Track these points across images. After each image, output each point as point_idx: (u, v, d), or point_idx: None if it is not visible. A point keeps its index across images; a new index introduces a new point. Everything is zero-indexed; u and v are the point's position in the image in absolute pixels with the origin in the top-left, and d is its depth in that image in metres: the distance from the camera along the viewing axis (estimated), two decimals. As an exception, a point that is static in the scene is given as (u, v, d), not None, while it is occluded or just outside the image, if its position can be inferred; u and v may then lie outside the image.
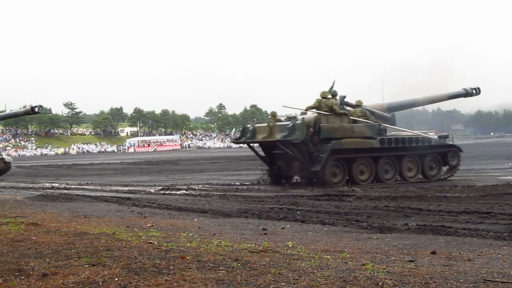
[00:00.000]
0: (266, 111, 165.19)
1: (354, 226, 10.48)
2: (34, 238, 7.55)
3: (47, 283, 4.98)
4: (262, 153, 23.10)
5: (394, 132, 23.56)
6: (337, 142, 20.57)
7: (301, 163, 20.85)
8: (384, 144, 21.22)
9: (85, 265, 5.63)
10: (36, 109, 32.98)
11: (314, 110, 21.39)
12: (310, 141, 20.67)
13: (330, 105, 21.22)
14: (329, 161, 20.31)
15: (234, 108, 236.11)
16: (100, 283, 4.89)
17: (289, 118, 21.81)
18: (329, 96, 21.78)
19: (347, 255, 6.60)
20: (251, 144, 23.27)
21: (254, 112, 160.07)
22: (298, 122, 20.63)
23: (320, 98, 21.47)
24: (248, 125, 23.49)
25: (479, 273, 5.41)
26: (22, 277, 5.26)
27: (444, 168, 23.48)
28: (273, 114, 22.79)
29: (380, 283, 4.75)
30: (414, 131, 24.44)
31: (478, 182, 19.26)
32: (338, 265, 5.72)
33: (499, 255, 6.92)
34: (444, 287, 4.64)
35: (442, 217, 11.15)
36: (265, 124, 22.19)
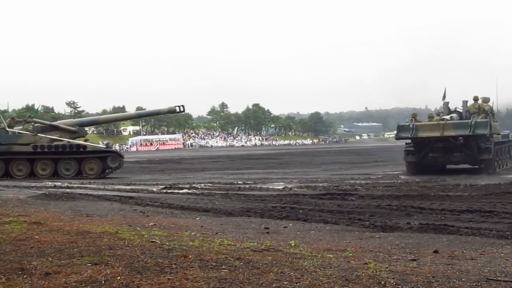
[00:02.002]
0: (268, 110, 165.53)
1: (357, 225, 10.48)
2: (37, 237, 7.55)
3: (50, 282, 4.98)
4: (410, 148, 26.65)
5: None
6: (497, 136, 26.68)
7: (466, 154, 25.12)
8: None
9: (88, 264, 5.63)
10: (179, 109, 35.37)
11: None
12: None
13: (488, 109, 26.63)
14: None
15: (237, 107, 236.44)
16: (103, 282, 4.89)
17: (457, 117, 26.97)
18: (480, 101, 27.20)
19: (350, 254, 6.60)
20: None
21: (256, 111, 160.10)
22: (481, 120, 25.03)
23: (479, 103, 26.93)
24: (407, 123, 26.51)
25: (481, 272, 5.41)
26: (25, 276, 5.27)
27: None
28: (414, 115, 27.42)
29: (383, 282, 4.74)
30: None
31: (481, 181, 19.24)
32: (341, 264, 5.72)
33: (502, 254, 6.92)
34: (447, 286, 4.64)
35: (445, 216, 11.16)
36: (431, 123, 26.15)
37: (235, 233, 9.15)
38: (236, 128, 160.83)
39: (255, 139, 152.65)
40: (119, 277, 5.02)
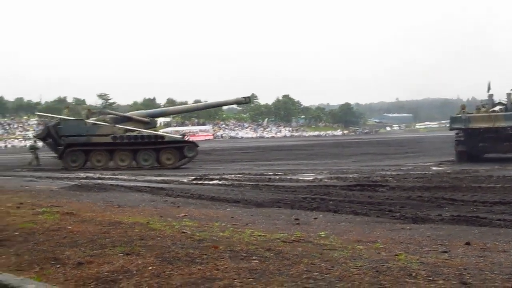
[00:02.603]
0: (298, 101, 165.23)
1: (387, 216, 10.43)
2: (69, 227, 7.63)
3: (82, 271, 5.04)
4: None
5: None
6: None
7: None
8: None
9: (120, 254, 5.68)
10: (245, 100, 37.22)
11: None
12: None
13: None
14: None
15: (267, 98, 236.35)
16: (134, 271, 4.93)
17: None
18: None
19: (380, 246, 6.57)
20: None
21: (286, 102, 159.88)
22: None
23: None
24: (459, 115, 28.16)
25: (514, 265, 5.36)
26: (58, 266, 5.33)
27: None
28: (464, 107, 28.83)
29: (414, 274, 4.72)
30: None
31: (514, 172, 19.00)
32: (371, 255, 5.70)
33: (535, 246, 6.84)
34: (479, 279, 4.60)
35: (477, 208, 11.05)
36: (483, 114, 27.75)
37: (265, 224, 9.17)
38: (266, 119, 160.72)
39: (285, 130, 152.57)
40: (150, 267, 5.06)
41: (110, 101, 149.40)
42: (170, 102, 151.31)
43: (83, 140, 29.69)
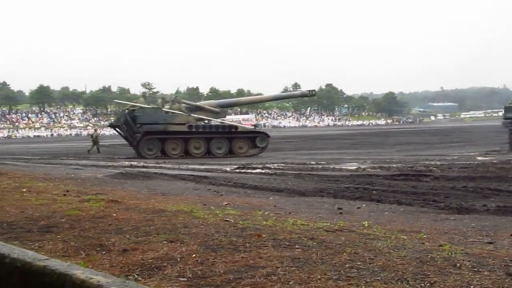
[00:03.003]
0: (341, 90, 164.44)
1: (431, 206, 10.34)
2: (114, 214, 7.73)
3: (127, 258, 5.11)
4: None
5: None
6: None
7: None
8: None
9: (164, 242, 5.74)
10: (310, 93, 38.88)
11: None
12: None
13: None
14: None
15: (309, 87, 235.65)
16: (178, 259, 4.98)
17: None
18: None
19: (424, 236, 6.52)
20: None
21: (329, 91, 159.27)
22: None
23: None
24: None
25: (561, 256, 5.26)
26: (104, 252, 5.41)
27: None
28: None
29: (458, 265, 4.67)
30: None
31: (562, 163, 18.64)
32: (415, 245, 5.66)
33: None
34: (525, 270, 4.53)
35: (523, 198, 10.88)
36: None
37: (308, 213, 9.17)
38: (309, 108, 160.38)
39: (328, 119, 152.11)
40: (194, 255, 5.10)
41: (154, 90, 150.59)
42: (213, 91, 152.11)
43: (160, 128, 30.52)
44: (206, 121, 32.83)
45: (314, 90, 39.82)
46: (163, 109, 31.90)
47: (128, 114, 31.14)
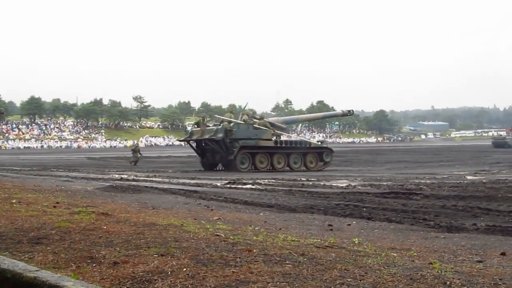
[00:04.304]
0: (332, 107, 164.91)
1: (421, 224, 10.36)
2: (105, 227, 7.72)
3: (118, 271, 5.11)
4: None
5: None
6: None
7: None
8: None
9: (154, 255, 5.74)
10: (350, 112, 42.33)
11: None
12: None
13: None
14: None
15: (301, 104, 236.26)
16: (169, 272, 4.99)
17: None
18: None
19: (414, 254, 6.54)
20: None
21: (320, 108, 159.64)
22: None
23: None
24: None
25: (550, 276, 5.29)
26: (94, 265, 5.41)
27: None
28: None
29: (448, 283, 4.70)
30: None
31: (551, 183, 18.71)
32: (405, 263, 5.68)
33: None
34: (514, 289, 4.56)
35: (513, 218, 10.91)
36: None
37: (298, 229, 9.17)
38: (300, 124, 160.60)
39: (319, 135, 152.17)
40: (185, 269, 5.10)
41: (145, 103, 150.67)
42: (205, 105, 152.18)
43: (252, 143, 32.36)
44: (299, 139, 38.32)
45: (352, 110, 42.84)
46: (254, 125, 33.47)
47: (225, 129, 32.05)
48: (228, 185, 19.70)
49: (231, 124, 32.66)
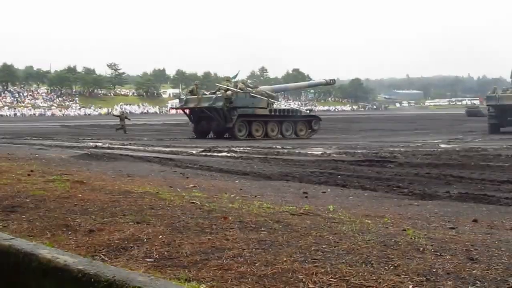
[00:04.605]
0: (308, 75, 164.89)
1: (395, 192, 10.45)
2: (80, 195, 7.69)
3: (94, 238, 5.11)
4: None
5: None
6: None
7: None
8: None
9: (130, 223, 5.74)
10: (332, 82, 43.84)
11: None
12: None
13: None
14: None
15: (276, 72, 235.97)
16: (145, 240, 5.00)
17: None
18: None
19: (388, 221, 6.61)
20: None
21: (296, 76, 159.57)
22: None
23: None
24: (493, 94, 34.67)
25: (521, 242, 5.38)
26: (69, 233, 5.40)
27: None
28: (495, 88, 35.75)
29: (421, 249, 4.76)
30: None
31: (523, 151, 18.94)
32: (379, 230, 5.74)
33: (542, 225, 6.86)
34: (486, 255, 4.63)
35: (485, 186, 11.04)
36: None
37: (274, 196, 9.21)
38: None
39: (294, 104, 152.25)
40: (160, 236, 5.12)
41: (119, 71, 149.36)
42: (180, 73, 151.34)
43: (250, 111, 32.77)
44: (290, 107, 38.50)
45: (334, 79, 44.35)
46: (251, 94, 33.84)
47: (224, 97, 32.25)
48: (204, 153, 19.69)
49: (229, 92, 32.83)
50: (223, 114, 31.96)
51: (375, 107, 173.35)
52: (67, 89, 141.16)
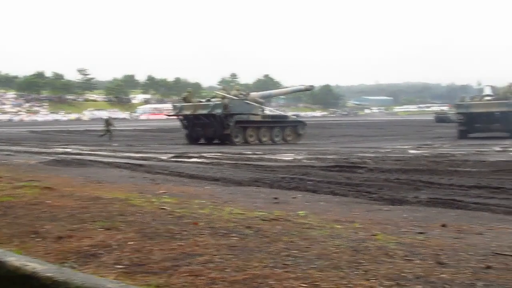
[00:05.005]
0: (278, 81, 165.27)
1: (365, 197, 10.50)
2: (49, 201, 7.62)
3: (63, 245, 5.06)
4: None
5: None
6: None
7: (502, 124, 33.59)
8: None
9: (100, 229, 5.70)
10: (312, 87, 47.89)
11: None
12: None
13: None
14: None
15: (247, 78, 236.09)
16: (115, 246, 4.97)
17: None
18: None
19: (358, 226, 6.65)
20: None
21: (267, 82, 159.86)
22: None
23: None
24: (462, 102, 35.68)
25: (488, 247, 5.45)
26: (38, 239, 5.35)
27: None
28: (463, 97, 36.74)
29: (391, 253, 4.80)
30: None
31: (490, 157, 19.18)
32: (349, 235, 5.77)
33: (509, 230, 6.95)
34: (454, 259, 4.69)
35: (453, 191, 11.14)
36: (480, 102, 34.78)
37: (244, 202, 9.20)
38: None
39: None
40: (130, 242, 5.09)
41: (89, 76, 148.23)
42: (151, 79, 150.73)
43: (245, 118, 33.36)
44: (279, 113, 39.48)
45: (312, 85, 47.37)
46: (246, 101, 34.53)
47: (222, 104, 32.79)
48: (174, 159, 19.62)
49: (226, 100, 33.46)
50: (220, 121, 32.45)
51: (345, 113, 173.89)
52: (35, 94, 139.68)
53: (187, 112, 34.00)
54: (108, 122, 40.27)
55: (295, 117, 41.38)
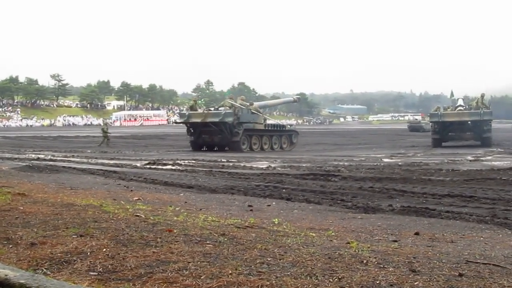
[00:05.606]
0: (254, 89, 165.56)
1: (339, 205, 10.56)
2: (21, 208, 7.56)
3: (35, 252, 5.02)
4: None
5: None
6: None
7: (475, 133, 35.64)
8: None
9: (73, 236, 5.66)
10: (299, 99, 51.09)
11: None
12: None
13: (485, 103, 36.35)
14: None
15: (222, 85, 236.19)
16: (88, 253, 4.93)
17: None
18: None
19: (332, 233, 6.68)
20: None
21: (242, 90, 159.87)
22: (487, 111, 35.41)
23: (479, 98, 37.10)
24: (436, 112, 36.38)
25: (461, 255, 5.50)
26: (11, 246, 5.30)
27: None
28: (438, 108, 37.47)
29: (365, 261, 4.82)
30: None
31: (463, 166, 19.38)
32: (324, 242, 5.79)
33: (481, 238, 7.03)
34: (427, 267, 4.72)
35: (426, 200, 11.25)
36: (453, 112, 36.24)
37: (219, 209, 9.20)
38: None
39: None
40: (104, 249, 5.06)
41: (63, 81, 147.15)
42: (125, 85, 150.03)
43: (251, 126, 34.94)
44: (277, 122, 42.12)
45: (299, 97, 52.73)
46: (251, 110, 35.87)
47: (233, 113, 33.87)
48: (148, 166, 19.55)
49: (236, 109, 34.55)
50: (230, 129, 33.47)
51: (319, 121, 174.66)
52: (8, 99, 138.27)
53: (197, 120, 34.70)
54: (104, 129, 40.24)
55: (289, 126, 44.31)
